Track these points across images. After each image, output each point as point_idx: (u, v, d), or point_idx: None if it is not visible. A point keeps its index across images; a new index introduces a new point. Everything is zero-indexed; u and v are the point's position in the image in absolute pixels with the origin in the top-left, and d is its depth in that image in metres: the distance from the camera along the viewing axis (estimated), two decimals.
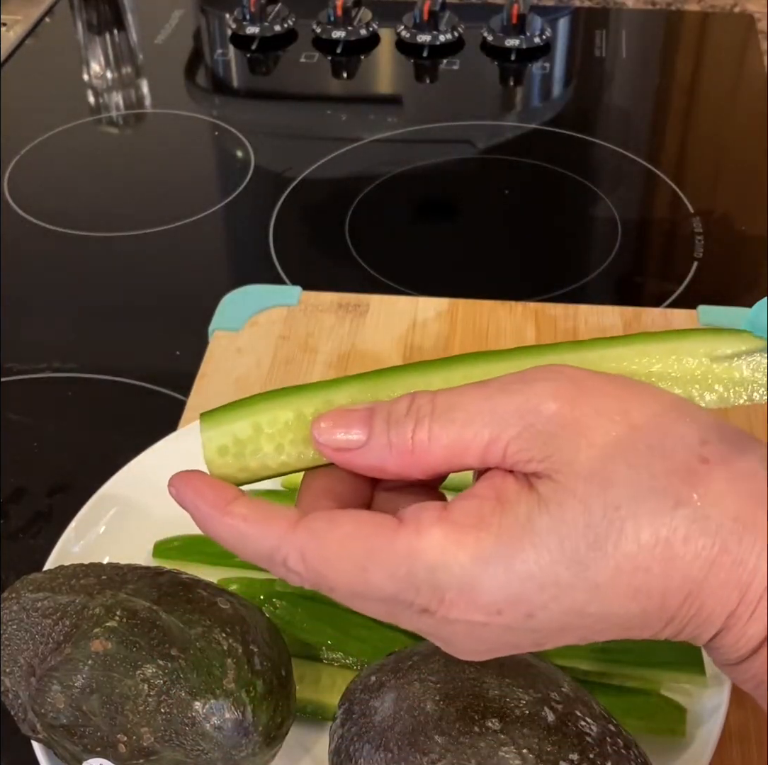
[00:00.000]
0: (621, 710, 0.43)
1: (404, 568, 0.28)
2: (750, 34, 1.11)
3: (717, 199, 0.89)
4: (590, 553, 0.27)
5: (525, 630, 0.29)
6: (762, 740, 0.47)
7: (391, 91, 1.11)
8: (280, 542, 0.29)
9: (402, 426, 0.29)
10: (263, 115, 1.06)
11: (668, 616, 0.29)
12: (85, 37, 1.17)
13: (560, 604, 0.28)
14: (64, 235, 0.85)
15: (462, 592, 0.28)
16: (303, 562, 0.29)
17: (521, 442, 0.28)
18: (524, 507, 0.28)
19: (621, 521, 0.27)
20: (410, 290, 0.77)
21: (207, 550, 0.54)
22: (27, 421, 0.68)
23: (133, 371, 0.71)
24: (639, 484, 0.28)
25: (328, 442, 0.30)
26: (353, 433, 0.30)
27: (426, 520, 0.28)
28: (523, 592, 0.28)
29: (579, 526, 0.27)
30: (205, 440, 0.32)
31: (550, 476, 0.28)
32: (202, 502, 0.31)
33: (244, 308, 0.71)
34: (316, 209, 0.89)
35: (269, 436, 0.32)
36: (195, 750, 0.40)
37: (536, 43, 1.08)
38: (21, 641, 0.43)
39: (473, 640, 0.29)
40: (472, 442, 0.29)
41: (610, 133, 0.99)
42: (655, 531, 0.27)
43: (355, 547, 0.28)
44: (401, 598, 0.29)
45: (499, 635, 0.29)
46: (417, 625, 0.30)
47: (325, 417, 0.30)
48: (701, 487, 0.28)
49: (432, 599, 0.28)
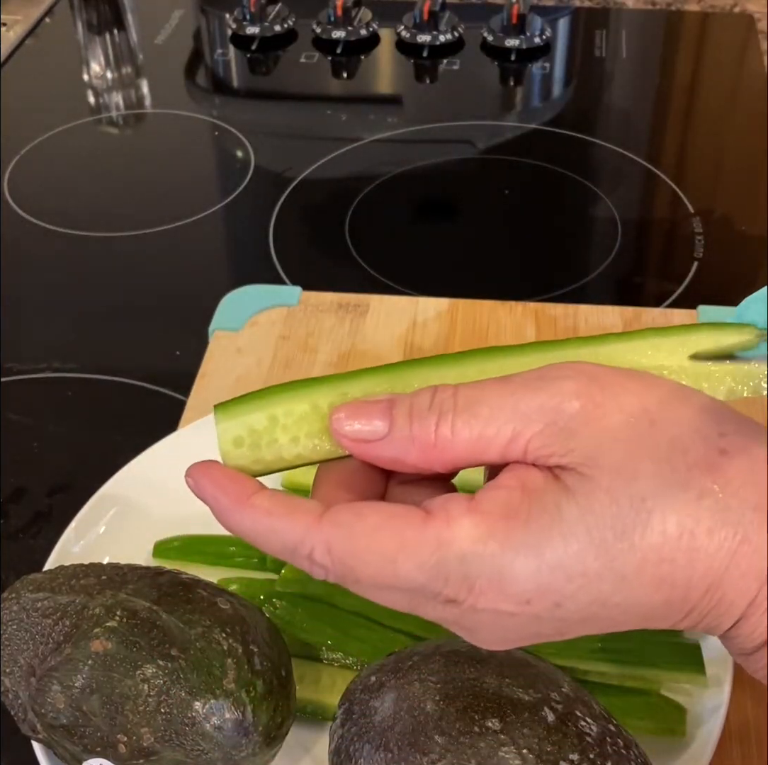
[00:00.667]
0: (621, 710, 0.43)
1: (435, 558, 0.28)
2: (750, 34, 1.11)
3: (717, 199, 0.89)
4: (617, 543, 0.28)
5: (551, 619, 0.29)
6: (762, 740, 0.47)
7: (391, 91, 1.11)
8: (305, 535, 0.29)
9: (425, 419, 0.29)
10: (263, 115, 1.06)
11: (689, 607, 0.29)
12: (85, 37, 1.17)
13: (587, 594, 0.28)
14: (64, 235, 0.85)
15: (492, 581, 0.28)
16: (329, 554, 0.29)
17: (543, 438, 0.29)
18: (551, 496, 0.28)
19: (647, 513, 0.28)
20: (410, 290, 0.77)
21: (207, 550, 0.54)
22: (27, 421, 0.68)
23: (133, 371, 0.71)
24: (663, 478, 0.28)
25: (347, 433, 0.30)
26: (374, 424, 0.30)
27: (455, 511, 0.29)
28: (552, 581, 0.28)
29: (607, 517, 0.28)
30: (221, 431, 0.32)
31: (575, 469, 0.28)
32: (223, 495, 0.30)
33: (244, 308, 0.71)
34: (316, 209, 0.89)
35: (285, 427, 0.31)
36: (195, 750, 0.40)
37: (536, 43, 1.08)
38: (21, 641, 0.43)
39: (498, 629, 0.30)
40: (494, 438, 0.29)
41: (610, 133, 0.99)
42: (680, 523, 0.28)
43: (384, 539, 0.29)
44: (429, 589, 0.29)
45: (525, 624, 0.29)
46: (441, 615, 0.30)
47: (345, 407, 0.30)
48: (721, 478, 0.28)
49: (461, 589, 0.28)
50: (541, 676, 0.40)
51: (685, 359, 0.32)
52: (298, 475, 0.57)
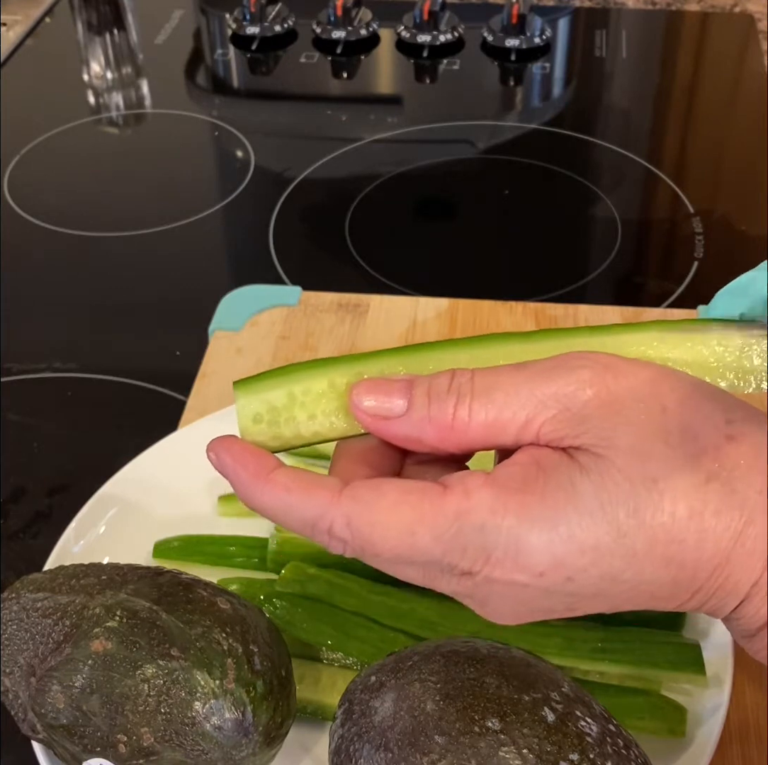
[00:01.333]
0: (621, 710, 0.43)
1: (453, 529, 0.29)
2: (750, 34, 1.11)
3: (717, 199, 0.89)
4: (629, 520, 0.29)
5: (562, 593, 0.30)
6: (762, 740, 0.47)
7: (391, 91, 1.11)
8: (325, 510, 0.30)
9: (443, 402, 0.30)
10: (263, 115, 1.06)
11: (696, 587, 0.30)
12: (85, 37, 1.17)
13: (598, 568, 0.29)
14: (64, 235, 0.85)
15: (507, 552, 0.29)
16: (348, 528, 0.30)
17: (555, 423, 0.30)
18: (566, 473, 0.29)
19: (659, 494, 0.29)
20: (410, 290, 0.77)
21: (207, 550, 0.54)
22: (27, 421, 0.68)
23: (133, 371, 0.71)
24: (674, 461, 0.29)
25: (366, 408, 0.31)
26: (393, 401, 0.31)
27: (472, 484, 0.29)
28: (565, 554, 0.29)
29: (620, 495, 0.29)
30: (240, 408, 0.32)
31: (588, 449, 0.29)
32: (243, 471, 0.31)
33: (244, 308, 0.71)
34: (316, 209, 0.89)
35: (303, 405, 0.32)
36: (195, 750, 0.40)
37: (536, 43, 1.08)
38: (21, 641, 0.43)
39: (511, 602, 0.30)
40: (509, 422, 0.30)
41: (610, 133, 0.99)
42: (689, 504, 0.29)
43: (402, 513, 0.29)
44: (446, 561, 0.30)
45: (536, 597, 0.30)
46: (455, 589, 0.31)
47: (365, 384, 0.31)
48: (729, 463, 0.29)
49: (477, 559, 0.29)
50: (541, 676, 0.40)
51: (691, 353, 0.33)
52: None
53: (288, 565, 0.51)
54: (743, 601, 0.30)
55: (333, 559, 0.52)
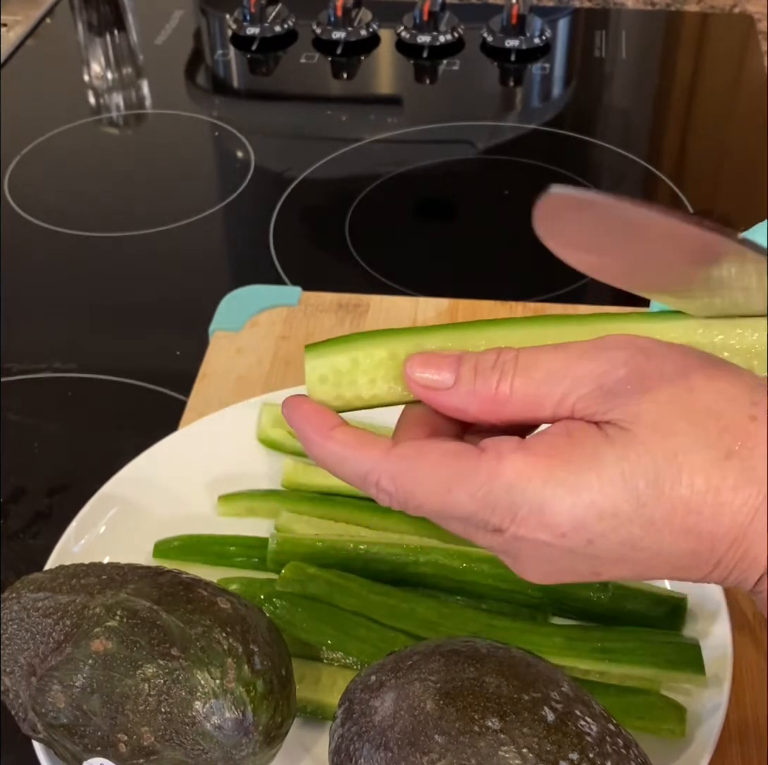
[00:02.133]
0: (621, 710, 0.43)
1: (485, 488, 0.31)
2: (750, 34, 1.11)
3: (717, 199, 0.89)
4: (648, 490, 0.30)
5: (585, 555, 0.32)
6: (762, 740, 0.47)
7: (391, 91, 1.11)
8: (374, 466, 0.33)
9: (488, 377, 0.33)
10: (263, 116, 1.06)
11: (716, 559, 0.31)
12: (85, 38, 1.18)
13: (617, 534, 0.31)
14: (64, 235, 0.85)
15: (532, 512, 0.31)
16: (394, 483, 0.33)
17: (588, 400, 0.32)
18: (592, 443, 0.31)
19: (678, 467, 0.30)
20: (410, 290, 0.77)
21: (207, 550, 0.54)
22: (27, 421, 0.68)
23: (133, 371, 0.71)
24: (696, 438, 0.31)
25: (418, 379, 0.34)
26: (442, 375, 0.33)
27: (505, 448, 0.32)
28: (585, 518, 0.31)
29: (640, 466, 0.30)
30: (309, 369, 0.35)
31: (616, 424, 0.31)
32: (308, 426, 0.34)
33: (244, 308, 0.71)
34: (317, 209, 0.89)
35: (364, 370, 0.35)
36: (195, 749, 0.40)
37: (536, 43, 1.09)
38: (21, 641, 0.43)
39: (538, 560, 0.33)
40: (546, 397, 0.32)
41: (610, 133, 0.99)
42: (707, 479, 0.30)
43: (442, 472, 0.32)
44: (479, 517, 0.32)
45: (561, 557, 0.32)
46: (490, 543, 0.33)
47: (418, 357, 0.34)
48: (750, 441, 0.31)
49: (505, 517, 0.31)
50: (541, 676, 0.40)
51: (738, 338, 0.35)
52: (298, 475, 0.57)
53: (288, 565, 0.51)
54: (763, 574, 0.31)
55: (333, 559, 0.52)
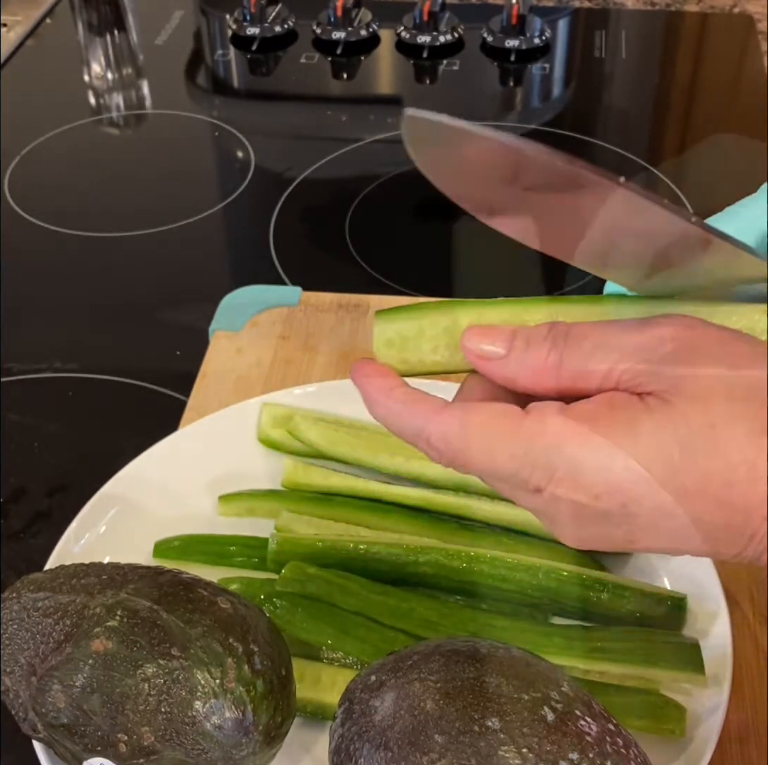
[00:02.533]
0: (621, 710, 0.43)
1: (525, 448, 0.33)
2: (750, 34, 1.11)
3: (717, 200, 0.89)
4: (683, 459, 0.31)
5: (620, 520, 0.33)
6: (762, 740, 0.47)
7: (391, 91, 1.11)
8: (427, 423, 0.34)
9: (539, 349, 0.34)
10: (263, 116, 1.06)
11: (750, 533, 0.32)
12: (85, 38, 1.18)
13: (651, 500, 0.32)
14: (64, 235, 0.85)
15: (568, 472, 0.32)
16: (443, 441, 0.34)
17: (633, 373, 0.33)
18: (632, 411, 0.32)
19: (714, 439, 0.31)
20: (410, 290, 0.77)
21: (207, 550, 0.55)
22: (27, 421, 0.68)
23: (133, 371, 0.71)
24: (733, 412, 0.31)
25: (473, 349, 0.35)
26: (496, 346, 0.35)
27: (548, 411, 0.33)
28: (620, 482, 0.32)
29: (677, 435, 0.31)
30: (377, 333, 0.37)
31: (658, 395, 0.32)
32: (370, 385, 0.36)
33: (244, 308, 0.71)
34: (317, 209, 0.89)
35: (429, 337, 0.37)
36: (195, 749, 0.40)
37: (536, 43, 1.08)
38: (22, 641, 0.43)
39: (575, 523, 0.34)
40: (594, 369, 0.33)
41: (610, 133, 0.99)
42: (742, 452, 0.31)
43: (487, 432, 0.34)
44: (520, 477, 0.33)
45: (596, 521, 0.33)
46: (531, 504, 0.34)
47: (476, 328, 0.36)
48: None
49: (543, 477, 0.33)
50: (541, 676, 0.40)
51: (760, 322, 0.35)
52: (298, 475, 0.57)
53: (288, 564, 0.51)
54: None
55: (333, 559, 0.52)
